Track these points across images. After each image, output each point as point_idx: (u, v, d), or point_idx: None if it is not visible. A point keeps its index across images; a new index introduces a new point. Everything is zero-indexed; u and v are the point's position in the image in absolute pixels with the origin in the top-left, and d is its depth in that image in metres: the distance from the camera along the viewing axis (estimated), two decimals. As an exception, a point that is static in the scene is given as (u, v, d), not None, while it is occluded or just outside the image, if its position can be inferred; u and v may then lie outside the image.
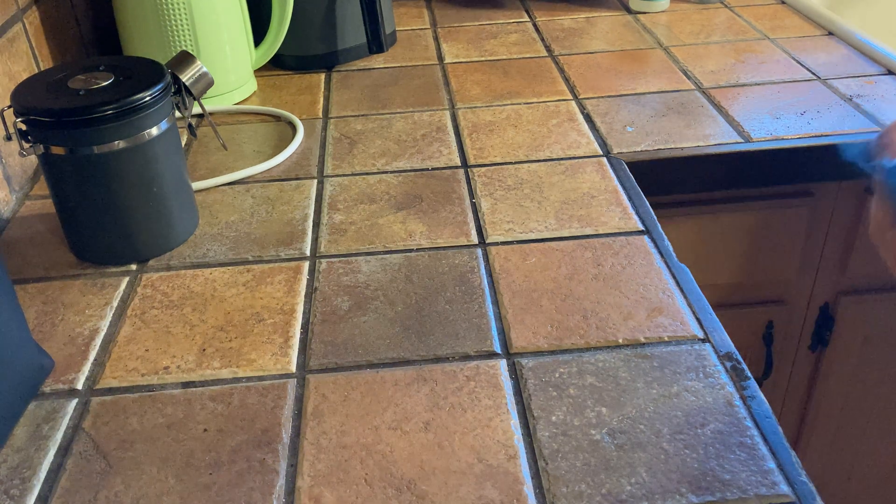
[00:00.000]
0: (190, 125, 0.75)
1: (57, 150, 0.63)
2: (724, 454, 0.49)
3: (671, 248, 0.68)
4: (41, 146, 0.63)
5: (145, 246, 0.69)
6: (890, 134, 0.51)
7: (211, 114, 0.95)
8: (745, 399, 0.53)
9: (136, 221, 0.67)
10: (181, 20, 0.90)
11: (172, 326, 0.62)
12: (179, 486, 0.49)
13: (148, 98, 0.64)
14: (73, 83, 0.64)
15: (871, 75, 0.98)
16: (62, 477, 0.50)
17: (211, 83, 0.72)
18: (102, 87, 0.64)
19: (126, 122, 0.63)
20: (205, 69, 0.71)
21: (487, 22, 1.21)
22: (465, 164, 0.82)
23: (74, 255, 0.70)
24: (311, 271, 0.67)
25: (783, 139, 0.85)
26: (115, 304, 0.64)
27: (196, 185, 0.79)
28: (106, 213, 0.66)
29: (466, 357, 0.57)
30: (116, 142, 0.63)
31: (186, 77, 0.70)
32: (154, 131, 0.65)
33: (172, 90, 0.69)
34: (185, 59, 0.71)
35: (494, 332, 0.60)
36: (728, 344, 0.58)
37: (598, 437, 0.50)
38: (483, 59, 1.08)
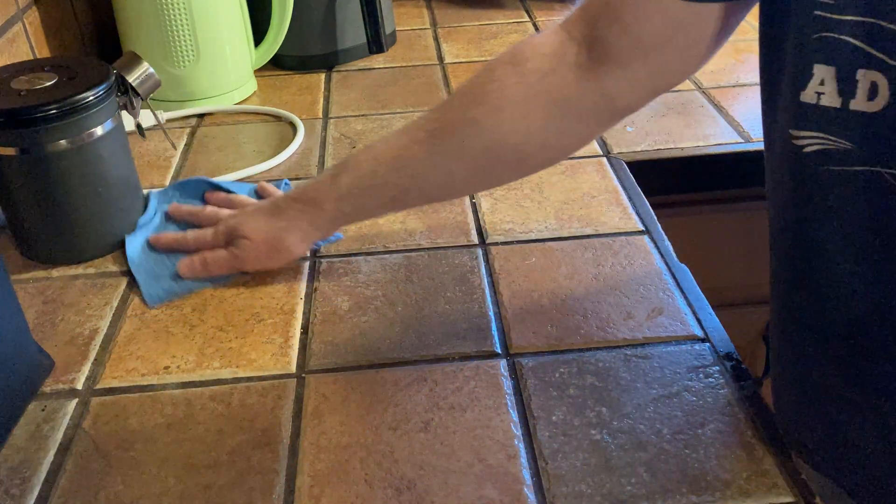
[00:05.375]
0: (138, 125, 0.75)
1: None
2: (724, 454, 0.49)
3: (671, 248, 0.68)
4: None
5: (91, 246, 0.69)
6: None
7: (211, 114, 0.95)
8: (745, 399, 0.53)
9: (80, 221, 0.68)
10: (181, 20, 0.90)
11: (172, 326, 0.62)
12: (179, 486, 0.49)
13: (91, 98, 0.64)
14: (15, 83, 0.65)
15: (871, 75, 0.98)
16: (62, 477, 0.50)
17: (158, 84, 0.72)
18: (44, 88, 0.64)
19: (68, 123, 0.63)
20: (151, 70, 0.71)
21: (487, 22, 1.21)
22: (465, 164, 0.82)
23: (20, 254, 0.70)
24: (311, 271, 0.67)
25: (783, 139, 0.85)
26: (115, 304, 0.64)
27: (196, 185, 0.79)
28: (49, 213, 0.66)
29: (466, 357, 0.57)
30: (59, 142, 0.64)
31: (133, 78, 0.70)
32: (98, 131, 0.65)
33: (119, 91, 0.69)
34: (133, 60, 0.71)
35: (494, 332, 0.60)
36: (728, 344, 0.58)
37: (598, 437, 0.50)
38: (483, 59, 1.08)
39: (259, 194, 0.75)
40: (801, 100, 0.44)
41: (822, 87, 0.43)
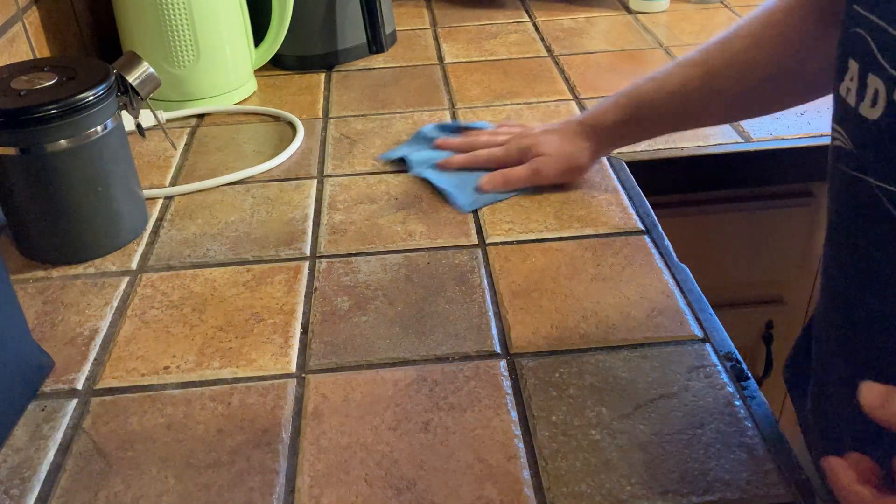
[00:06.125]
0: (138, 125, 0.75)
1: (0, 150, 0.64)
2: (724, 454, 0.49)
3: (671, 248, 0.68)
4: None
5: (91, 246, 0.69)
6: None
7: (211, 114, 0.95)
8: (745, 399, 0.53)
9: (81, 221, 0.68)
10: (181, 20, 0.90)
11: (172, 326, 0.62)
12: (179, 486, 0.49)
13: (91, 98, 0.64)
14: (15, 83, 0.65)
15: (871, 75, 0.98)
16: (62, 477, 0.50)
17: (158, 84, 0.72)
18: (44, 88, 0.64)
19: (68, 123, 0.63)
20: (151, 70, 0.71)
21: (487, 22, 1.21)
22: (465, 164, 0.82)
23: (20, 254, 0.70)
24: (311, 271, 0.67)
25: (783, 139, 0.85)
26: (115, 304, 0.64)
27: (196, 186, 0.79)
28: (49, 213, 0.66)
29: (466, 357, 0.57)
30: (59, 142, 0.64)
31: (133, 78, 0.70)
32: (98, 131, 0.66)
33: (119, 91, 0.69)
34: (133, 60, 0.71)
35: (494, 332, 0.60)
36: (728, 344, 0.58)
37: (598, 437, 0.50)
38: (483, 59, 1.08)
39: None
40: (839, 91, 0.43)
41: (850, 82, 0.42)
